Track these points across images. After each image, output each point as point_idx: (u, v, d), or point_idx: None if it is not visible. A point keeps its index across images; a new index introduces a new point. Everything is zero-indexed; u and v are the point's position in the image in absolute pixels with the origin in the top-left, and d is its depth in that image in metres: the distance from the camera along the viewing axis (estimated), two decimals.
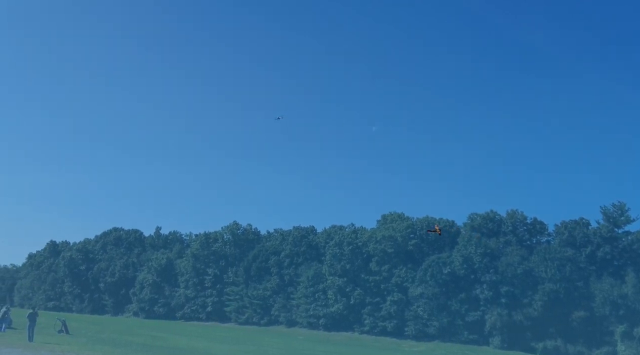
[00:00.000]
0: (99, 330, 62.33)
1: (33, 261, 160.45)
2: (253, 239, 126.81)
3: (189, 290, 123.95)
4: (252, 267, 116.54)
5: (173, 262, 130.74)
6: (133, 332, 66.75)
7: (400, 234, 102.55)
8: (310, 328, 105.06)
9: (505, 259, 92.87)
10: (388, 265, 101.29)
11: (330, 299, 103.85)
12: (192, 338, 66.45)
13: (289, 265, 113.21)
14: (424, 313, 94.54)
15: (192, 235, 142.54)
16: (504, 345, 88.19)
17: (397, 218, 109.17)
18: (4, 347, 33.96)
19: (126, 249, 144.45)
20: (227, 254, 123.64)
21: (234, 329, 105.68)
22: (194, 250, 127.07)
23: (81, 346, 39.80)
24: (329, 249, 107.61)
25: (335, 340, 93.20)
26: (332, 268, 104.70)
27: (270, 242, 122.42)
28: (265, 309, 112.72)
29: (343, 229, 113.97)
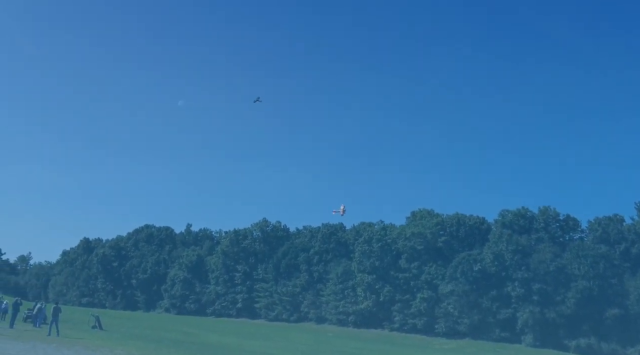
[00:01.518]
0: (131, 326, 63.23)
1: (67, 258, 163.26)
2: (282, 236, 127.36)
3: (220, 286, 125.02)
4: (282, 263, 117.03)
5: (203, 258, 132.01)
6: (165, 328, 67.57)
7: (430, 231, 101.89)
8: (340, 325, 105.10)
9: (537, 256, 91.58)
10: (418, 262, 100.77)
11: (359, 296, 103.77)
12: (223, 334, 67.00)
13: (318, 262, 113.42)
14: (455, 310, 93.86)
15: (222, 232, 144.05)
16: (536, 343, 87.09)
17: (427, 215, 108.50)
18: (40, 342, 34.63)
19: (157, 246, 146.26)
20: (257, 250, 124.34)
21: (263, 325, 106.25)
22: (224, 247, 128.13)
23: (115, 342, 40.38)
24: (358, 246, 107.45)
25: (365, 337, 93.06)
26: (361, 265, 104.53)
27: (300, 239, 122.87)
28: (295, 306, 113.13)
29: (372, 226, 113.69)
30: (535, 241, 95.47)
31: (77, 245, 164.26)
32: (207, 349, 45.05)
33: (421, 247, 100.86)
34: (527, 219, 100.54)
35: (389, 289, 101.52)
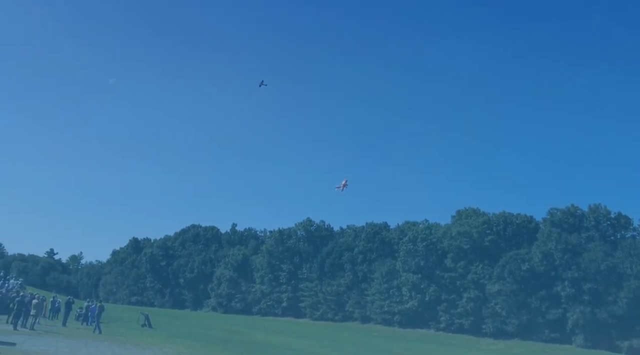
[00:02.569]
0: (179, 325, 64.29)
1: (117, 257, 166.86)
2: (326, 236, 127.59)
3: (265, 285, 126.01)
4: (326, 263, 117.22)
5: (249, 258, 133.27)
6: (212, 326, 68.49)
7: (476, 230, 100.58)
8: (385, 324, 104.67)
9: (588, 255, 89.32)
10: (464, 262, 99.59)
11: (404, 296, 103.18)
12: (269, 333, 67.52)
13: (362, 262, 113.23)
14: (502, 310, 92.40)
15: (266, 231, 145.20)
16: (587, 344, 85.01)
17: (473, 213, 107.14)
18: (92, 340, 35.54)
19: (204, 246, 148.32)
20: (301, 250, 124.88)
21: (308, 324, 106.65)
22: (268, 247, 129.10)
23: (163, 340, 41.14)
24: (403, 245, 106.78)
25: (410, 337, 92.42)
26: (406, 264, 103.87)
27: (344, 239, 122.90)
28: (340, 305, 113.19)
29: (417, 225, 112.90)
30: (586, 240, 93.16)
31: (127, 245, 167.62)
32: (254, 348, 45.46)
33: (467, 246, 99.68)
34: (577, 217, 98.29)
35: (434, 288, 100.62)
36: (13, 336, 31.66)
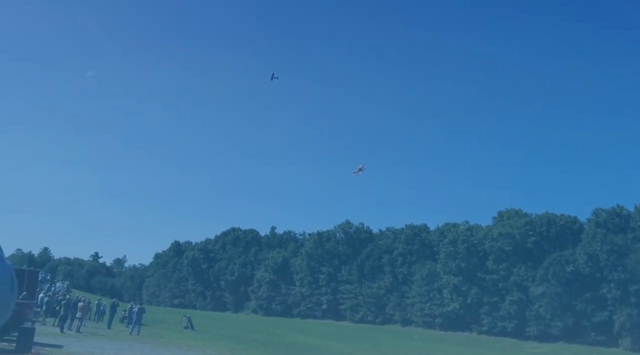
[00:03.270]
0: (221, 327, 64.92)
1: (159, 260, 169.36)
2: (365, 238, 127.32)
3: (305, 288, 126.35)
4: (365, 265, 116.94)
5: (288, 260, 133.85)
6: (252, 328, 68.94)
7: (519, 231, 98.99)
8: (426, 327, 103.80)
9: (635, 256, 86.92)
10: (506, 264, 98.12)
11: (445, 298, 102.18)
12: (309, 335, 67.63)
13: (402, 264, 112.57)
14: (547, 313, 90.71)
15: (305, 234, 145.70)
16: (635, 347, 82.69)
17: (515, 214, 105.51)
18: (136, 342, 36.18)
19: (244, 248, 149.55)
20: (341, 252, 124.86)
21: (349, 327, 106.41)
22: (308, 249, 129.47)
23: (206, 342, 41.61)
24: (443, 247, 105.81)
25: (452, 340, 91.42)
26: (447, 266, 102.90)
27: (383, 241, 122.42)
28: (380, 308, 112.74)
29: (457, 227, 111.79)
30: (632, 241, 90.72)
31: (169, 248, 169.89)
32: (294, 350, 45.61)
33: (509, 248, 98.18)
34: (623, 217, 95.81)
35: (476, 291, 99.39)
36: (60, 338, 32.47)
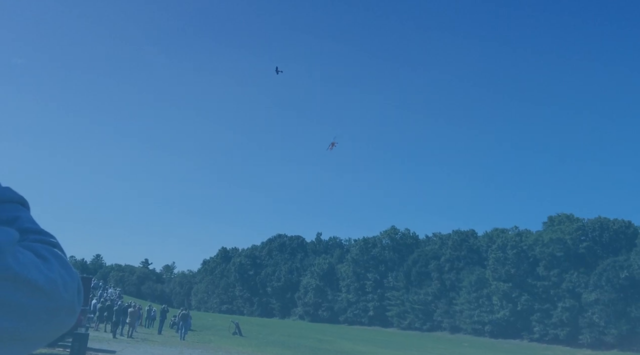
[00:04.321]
0: (268, 333, 65.15)
1: (207, 267, 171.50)
2: (412, 244, 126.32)
3: (351, 294, 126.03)
4: (412, 271, 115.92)
5: (334, 267, 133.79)
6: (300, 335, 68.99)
7: (570, 237, 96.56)
8: (475, 335, 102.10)
9: None
10: (557, 270, 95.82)
11: (495, 305, 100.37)
12: (356, 342, 67.26)
13: (450, 270, 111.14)
14: (600, 320, 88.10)
15: (351, 240, 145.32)
16: None
17: (566, 219, 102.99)
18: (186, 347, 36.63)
19: (290, 255, 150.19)
20: (387, 258, 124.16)
21: (396, 333, 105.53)
22: (353, 255, 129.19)
23: (254, 348, 41.83)
24: (492, 253, 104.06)
25: (503, 347, 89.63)
26: (496, 273, 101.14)
27: (430, 247, 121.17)
28: (427, 314, 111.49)
29: (506, 232, 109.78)
30: None
31: (216, 254, 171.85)
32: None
33: (561, 253, 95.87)
34: None
35: (526, 297, 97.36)
36: (113, 344, 33.11)
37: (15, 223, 1.28)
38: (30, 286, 1.09)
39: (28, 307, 1.08)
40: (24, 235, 1.20)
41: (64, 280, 1.17)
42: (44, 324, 1.13)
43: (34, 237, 1.27)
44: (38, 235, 1.29)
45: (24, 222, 1.30)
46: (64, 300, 1.16)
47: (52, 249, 1.25)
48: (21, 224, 1.29)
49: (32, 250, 1.17)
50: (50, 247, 1.25)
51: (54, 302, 1.13)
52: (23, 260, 1.11)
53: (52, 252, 1.22)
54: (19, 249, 1.13)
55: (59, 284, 1.15)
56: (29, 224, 1.31)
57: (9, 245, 1.09)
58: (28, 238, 1.23)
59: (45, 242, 1.27)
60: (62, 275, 1.17)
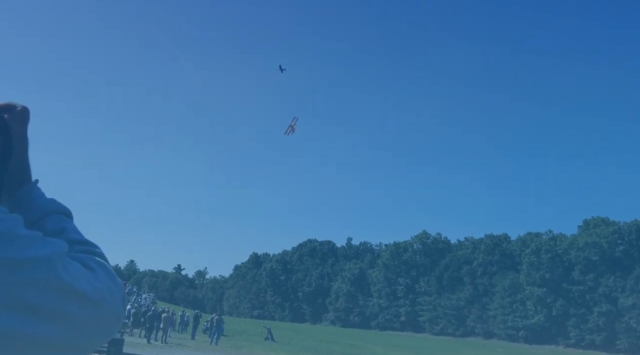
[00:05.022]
0: (300, 338, 65.21)
1: (238, 272, 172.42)
2: (443, 248, 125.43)
3: (382, 299, 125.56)
4: (444, 276, 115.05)
5: (365, 272, 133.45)
6: (331, 340, 68.89)
7: (606, 240, 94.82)
8: (510, 340, 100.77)
9: None
10: (593, 274, 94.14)
11: (529, 310, 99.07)
12: (389, 348, 66.92)
13: (483, 275, 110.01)
14: (638, 325, 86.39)
15: (382, 245, 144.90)
16: None
17: (602, 223, 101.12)
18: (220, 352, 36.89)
19: (320, 260, 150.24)
20: (418, 263, 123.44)
21: (428, 339, 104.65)
22: (384, 260, 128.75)
23: (287, 353, 41.96)
24: (526, 258, 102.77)
25: (537, 353, 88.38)
26: (530, 277, 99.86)
27: (462, 251, 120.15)
28: (460, 320, 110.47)
29: (540, 236, 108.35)
30: None
31: (247, 260, 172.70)
32: None
33: (596, 257, 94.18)
34: None
35: (562, 302, 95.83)
36: (147, 349, 33.53)
37: (62, 234, 1.34)
38: (80, 296, 1.15)
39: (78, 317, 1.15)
40: (70, 246, 1.25)
41: (110, 289, 1.23)
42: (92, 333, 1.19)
43: (80, 247, 1.33)
44: (84, 245, 1.35)
45: (70, 233, 1.37)
46: (110, 310, 1.21)
47: (98, 259, 1.31)
48: (67, 234, 1.35)
49: (80, 261, 1.23)
50: (96, 258, 1.31)
51: (101, 311, 1.19)
52: (73, 271, 1.17)
53: (98, 262, 1.28)
54: (68, 260, 1.19)
55: (105, 293, 1.21)
56: (75, 234, 1.38)
57: (60, 257, 1.16)
58: (74, 249, 1.28)
59: (91, 253, 1.33)
60: (108, 285, 1.23)
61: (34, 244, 1.13)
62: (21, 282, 1.07)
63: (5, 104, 1.45)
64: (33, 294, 1.08)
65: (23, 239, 1.12)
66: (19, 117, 1.44)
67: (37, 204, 1.40)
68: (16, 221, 1.15)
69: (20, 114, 1.44)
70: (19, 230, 1.13)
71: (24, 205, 1.38)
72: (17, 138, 1.40)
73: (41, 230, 1.22)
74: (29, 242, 1.13)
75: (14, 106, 1.45)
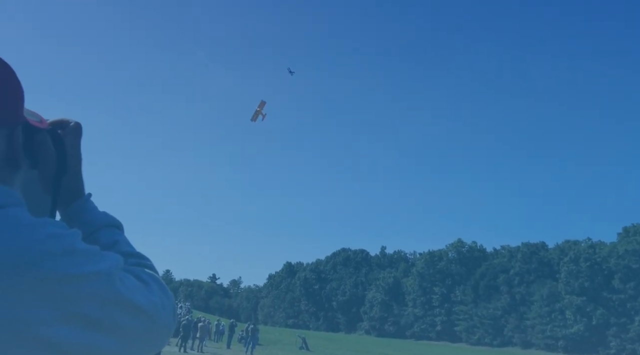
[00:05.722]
0: (335, 348, 65.08)
1: (272, 281, 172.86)
2: (479, 257, 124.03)
3: (417, 309, 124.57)
4: (480, 285, 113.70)
5: (399, 280, 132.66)
6: (367, 350, 68.59)
7: None
8: (548, 350, 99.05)
9: None
10: (634, 283, 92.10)
11: (568, 320, 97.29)
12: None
13: (520, 284, 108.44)
14: None
15: (416, 253, 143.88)
16: None
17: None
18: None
19: (354, 269, 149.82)
20: (453, 272, 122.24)
21: (465, 349, 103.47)
22: (419, 269, 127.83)
23: None
24: (564, 266, 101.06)
25: None
26: (569, 286, 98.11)
27: (498, 260, 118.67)
28: (497, 329, 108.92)
29: (578, 244, 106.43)
30: None
31: (281, 269, 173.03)
32: None
33: (637, 265, 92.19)
34: None
35: (602, 311, 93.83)
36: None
37: (115, 247, 1.37)
38: (136, 309, 1.19)
39: (134, 329, 1.18)
40: (123, 258, 1.27)
41: (163, 302, 1.26)
42: (145, 344, 1.23)
43: (133, 260, 1.36)
44: (136, 258, 1.38)
45: (122, 246, 1.41)
46: (162, 322, 1.25)
47: (150, 272, 1.34)
48: (120, 247, 1.39)
49: (134, 273, 1.26)
50: (149, 271, 1.34)
51: (155, 324, 1.23)
52: (129, 285, 1.20)
53: (151, 275, 1.31)
54: (124, 273, 1.22)
55: (159, 306, 1.24)
56: (127, 247, 1.42)
57: (117, 271, 1.19)
58: (127, 261, 1.30)
59: (143, 265, 1.36)
60: (161, 298, 1.26)
61: (93, 258, 1.16)
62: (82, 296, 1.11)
63: (59, 120, 1.50)
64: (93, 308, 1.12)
65: (83, 253, 1.16)
66: (72, 132, 1.49)
67: (91, 217, 1.44)
68: (76, 236, 1.18)
69: (74, 130, 1.49)
70: (79, 245, 1.17)
71: (78, 219, 1.43)
72: (71, 153, 1.45)
73: (95, 243, 1.25)
74: (89, 256, 1.16)
75: (67, 122, 1.50)
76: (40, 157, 1.41)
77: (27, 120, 1.36)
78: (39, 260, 1.08)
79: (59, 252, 1.12)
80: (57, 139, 1.42)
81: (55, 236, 1.14)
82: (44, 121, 1.46)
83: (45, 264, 1.09)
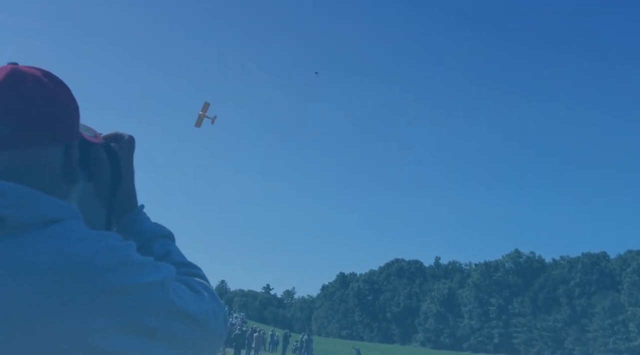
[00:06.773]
0: None
1: (326, 292, 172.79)
2: (537, 268, 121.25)
3: (474, 320, 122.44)
4: (539, 297, 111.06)
5: (455, 292, 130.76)
6: None
7: None
8: None
9: None
10: None
11: (632, 332, 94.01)
12: None
13: (581, 295, 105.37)
14: None
15: (471, 264, 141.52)
16: None
17: None
18: None
19: (408, 280, 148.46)
20: (510, 283, 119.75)
21: None
22: (475, 280, 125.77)
23: None
24: (627, 277, 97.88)
25: None
26: (632, 298, 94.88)
27: (557, 271, 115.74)
28: (558, 342, 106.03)
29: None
30: None
31: (334, 279, 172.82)
32: None
33: None
34: None
35: None
36: None
37: (167, 257, 1.41)
38: (190, 318, 1.23)
39: (187, 337, 1.22)
40: (176, 268, 1.31)
41: (214, 310, 1.30)
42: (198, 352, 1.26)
43: (185, 270, 1.39)
44: (187, 268, 1.42)
45: (174, 256, 1.45)
46: (214, 331, 1.28)
47: (202, 281, 1.37)
48: (172, 257, 1.43)
49: (186, 283, 1.30)
50: (200, 280, 1.38)
51: (207, 333, 1.27)
52: (182, 294, 1.24)
53: (202, 285, 1.35)
54: (177, 283, 1.26)
55: (210, 315, 1.28)
56: (179, 257, 1.45)
57: (170, 281, 1.23)
58: (179, 271, 1.33)
59: (194, 275, 1.39)
60: (212, 306, 1.30)
61: (148, 269, 1.20)
62: (138, 306, 1.14)
63: (113, 134, 1.56)
64: (149, 317, 1.15)
65: (138, 265, 1.20)
66: (126, 146, 1.54)
67: (144, 228, 1.49)
68: (131, 247, 1.22)
69: (127, 143, 1.55)
70: (134, 256, 1.21)
71: (132, 230, 1.47)
72: (125, 166, 1.50)
73: (149, 254, 1.30)
74: (144, 268, 1.20)
75: (121, 136, 1.56)
76: (95, 170, 1.45)
77: (83, 136, 1.40)
78: (97, 272, 1.13)
79: (116, 263, 1.17)
80: (111, 152, 1.47)
81: (112, 248, 1.18)
82: (98, 136, 1.51)
83: (103, 275, 1.14)
